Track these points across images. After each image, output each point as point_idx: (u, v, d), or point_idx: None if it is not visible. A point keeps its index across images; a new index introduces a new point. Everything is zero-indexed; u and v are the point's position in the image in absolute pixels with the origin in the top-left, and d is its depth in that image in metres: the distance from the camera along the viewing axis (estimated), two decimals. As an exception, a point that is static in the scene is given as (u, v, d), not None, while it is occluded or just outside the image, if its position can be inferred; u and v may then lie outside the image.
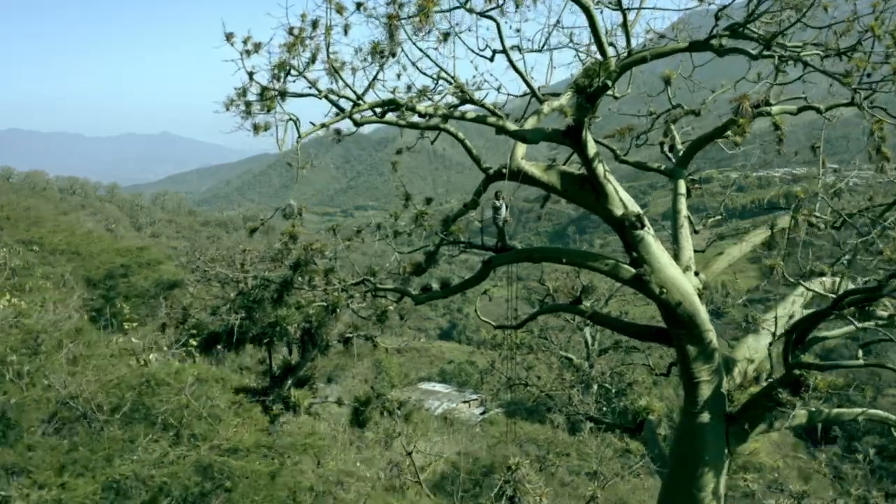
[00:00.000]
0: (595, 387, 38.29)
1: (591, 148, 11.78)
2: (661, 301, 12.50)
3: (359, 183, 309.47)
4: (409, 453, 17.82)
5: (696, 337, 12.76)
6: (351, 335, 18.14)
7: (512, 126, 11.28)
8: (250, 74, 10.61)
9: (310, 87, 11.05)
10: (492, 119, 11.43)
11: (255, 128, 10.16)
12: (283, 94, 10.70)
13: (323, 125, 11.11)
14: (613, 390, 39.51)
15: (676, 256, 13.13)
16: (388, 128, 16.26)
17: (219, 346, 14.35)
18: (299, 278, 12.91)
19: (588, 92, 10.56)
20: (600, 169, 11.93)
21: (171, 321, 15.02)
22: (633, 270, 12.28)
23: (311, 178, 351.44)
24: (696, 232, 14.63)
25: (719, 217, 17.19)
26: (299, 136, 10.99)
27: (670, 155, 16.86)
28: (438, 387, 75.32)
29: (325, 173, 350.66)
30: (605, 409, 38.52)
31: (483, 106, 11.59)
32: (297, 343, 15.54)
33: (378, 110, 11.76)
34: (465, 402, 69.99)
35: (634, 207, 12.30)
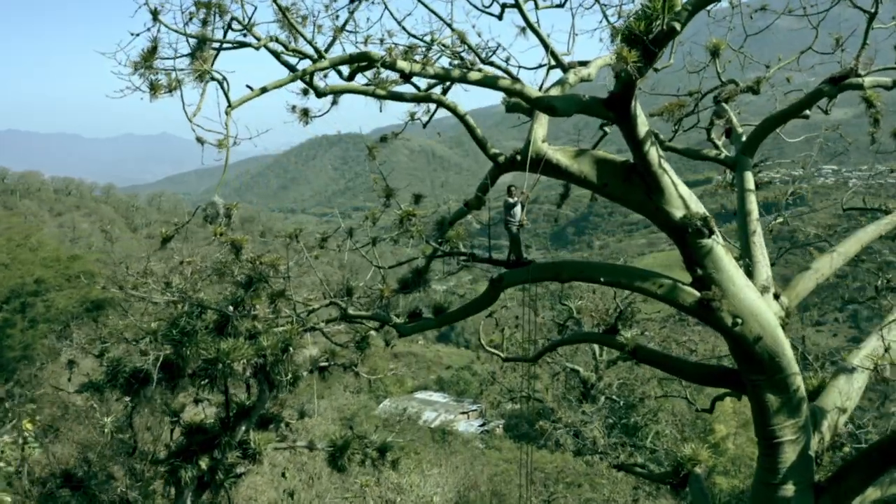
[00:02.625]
0: (602, 399, 35.24)
1: (643, 125, 8.42)
2: (733, 335, 9.15)
3: (357, 184, 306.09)
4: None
5: (779, 383, 9.41)
6: (327, 364, 14.77)
7: (533, 91, 7.93)
8: (154, 13, 7.23)
9: (243, 33, 7.68)
10: (504, 82, 8.06)
11: (154, 87, 6.78)
12: (203, 42, 7.34)
13: (263, 90, 7.75)
14: (621, 402, 36.46)
15: (750, 273, 9.76)
16: (388, 128, 12.96)
17: (148, 388, 11.01)
18: (247, 302, 9.60)
19: (645, 41, 7.18)
20: (654, 155, 8.58)
21: (81, 355, 11.84)
22: (698, 294, 8.92)
23: (309, 178, 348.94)
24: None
25: (780, 220, 13.87)
26: (229, 105, 7.63)
27: (718, 142, 13.60)
28: (436, 396, 72.02)
29: (323, 174, 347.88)
30: (615, 424, 35.41)
31: (493, 64, 8.24)
32: (251, 381, 12.26)
33: (345, 71, 8.41)
34: (463, 413, 66.72)
35: (699, 207, 8.94)
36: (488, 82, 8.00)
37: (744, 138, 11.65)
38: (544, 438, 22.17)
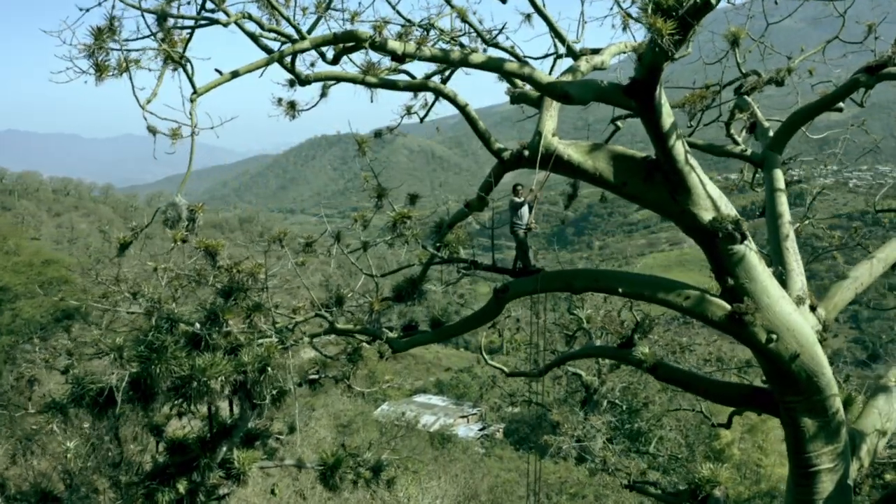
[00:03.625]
0: (605, 403, 34.27)
1: (668, 116, 7.41)
2: (766, 353, 8.14)
3: (356, 184, 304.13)
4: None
5: (817, 406, 8.41)
6: (317, 376, 13.79)
7: (544, 76, 6.91)
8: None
9: (212, 10, 6.67)
10: (511, 65, 7.04)
11: (99, 69, 5.75)
12: (163, 18, 6.32)
13: (234, 74, 6.73)
14: (624, 406, 35.54)
15: (783, 283, 8.75)
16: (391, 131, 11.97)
17: (116, 408, 9.99)
18: (222, 316, 8.59)
19: (677, 15, 6.15)
20: (680, 149, 7.57)
21: (46, 372, 10.88)
22: (728, 307, 7.91)
23: (308, 178, 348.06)
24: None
25: (807, 221, 12.85)
26: (194, 91, 6.62)
27: (738, 138, 12.65)
28: (434, 399, 70.79)
29: (322, 174, 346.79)
30: (617, 427, 34.43)
31: (498, 46, 7.22)
32: (232, 398, 11.28)
33: (329, 53, 7.41)
34: (462, 416, 65.59)
35: (729, 209, 7.93)
36: (492, 65, 6.98)
37: (770, 133, 10.65)
38: (550, 452, 21.14)
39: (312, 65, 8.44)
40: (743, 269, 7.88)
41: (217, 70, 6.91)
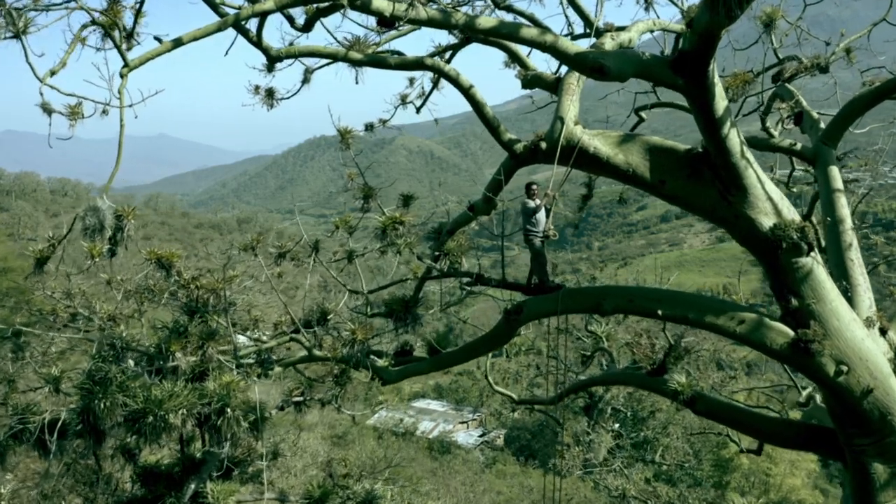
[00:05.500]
0: (609, 410, 32.94)
1: (721, 98, 5.97)
2: (833, 387, 6.69)
3: (355, 185, 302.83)
4: None
5: (891, 449, 6.97)
6: (301, 398, 12.37)
7: (571, 44, 5.47)
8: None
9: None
10: (529, 31, 5.58)
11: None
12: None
13: (178, 42, 5.28)
14: (629, 413, 34.25)
15: (849, 302, 7.30)
16: (388, 127, 10.55)
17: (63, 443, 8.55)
18: (166, 349, 7.15)
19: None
20: (735, 140, 6.13)
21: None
22: (791, 333, 6.46)
23: (307, 179, 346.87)
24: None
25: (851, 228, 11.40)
26: (126, 65, 5.19)
27: (774, 131, 11.28)
28: (433, 404, 69.14)
29: (322, 175, 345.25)
30: (621, 436, 33.10)
31: (512, 10, 5.78)
32: (200, 430, 9.84)
33: (301, 19, 5.96)
34: (462, 422, 64.06)
35: (792, 214, 6.49)
36: (506, 32, 5.51)
37: (822, 125, 9.21)
38: (558, 470, 19.69)
39: (294, 48, 7.04)
40: (809, 287, 6.43)
41: (156, 38, 5.47)
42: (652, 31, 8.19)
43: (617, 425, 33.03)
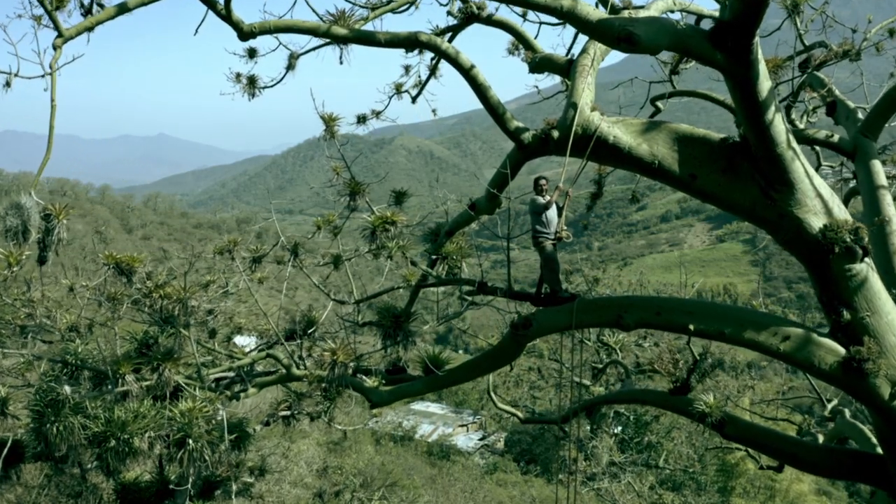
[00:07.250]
0: (611, 413, 32.16)
1: (765, 78, 5.11)
2: (886, 411, 5.82)
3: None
4: None
5: (951, 481, 6.10)
6: (288, 412, 11.48)
7: (593, 10, 4.62)
8: None
9: None
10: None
11: None
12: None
13: (122, 8, 4.42)
14: (630, 417, 33.51)
15: (901, 312, 6.42)
16: (386, 128, 9.71)
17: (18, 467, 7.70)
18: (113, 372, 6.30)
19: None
20: (780, 127, 5.26)
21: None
22: (842, 351, 5.59)
23: (307, 179, 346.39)
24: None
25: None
26: (59, 35, 4.33)
27: (800, 123, 10.48)
28: (433, 407, 68.29)
29: (321, 175, 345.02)
30: (625, 441, 32.35)
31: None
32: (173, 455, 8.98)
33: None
34: (462, 425, 63.19)
35: (843, 213, 5.62)
36: (513, -4, 4.66)
37: (860, 115, 8.35)
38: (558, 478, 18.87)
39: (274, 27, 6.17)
40: (864, 298, 5.56)
41: (99, 4, 4.61)
42: (672, 12, 7.34)
43: (619, 429, 32.34)
